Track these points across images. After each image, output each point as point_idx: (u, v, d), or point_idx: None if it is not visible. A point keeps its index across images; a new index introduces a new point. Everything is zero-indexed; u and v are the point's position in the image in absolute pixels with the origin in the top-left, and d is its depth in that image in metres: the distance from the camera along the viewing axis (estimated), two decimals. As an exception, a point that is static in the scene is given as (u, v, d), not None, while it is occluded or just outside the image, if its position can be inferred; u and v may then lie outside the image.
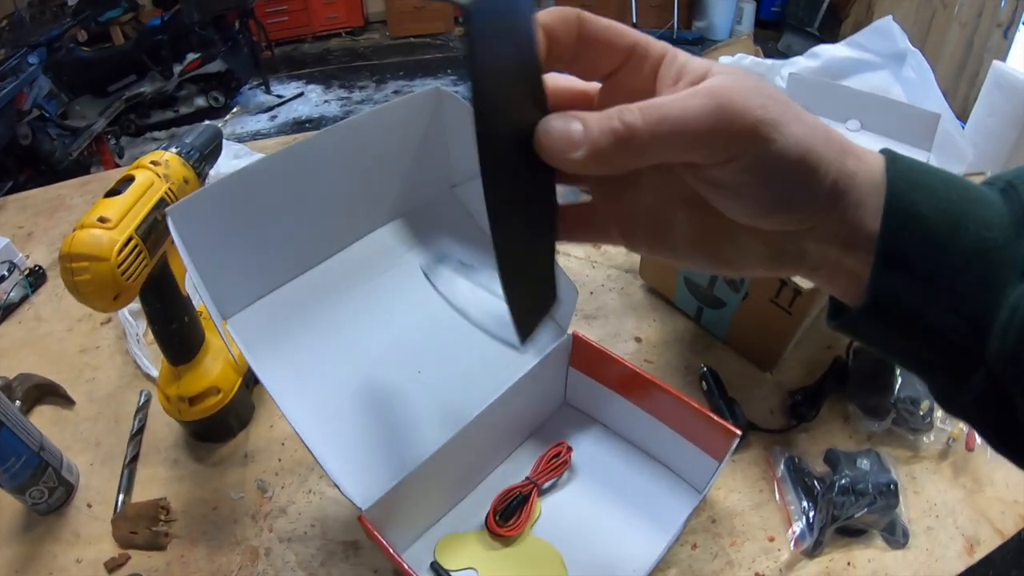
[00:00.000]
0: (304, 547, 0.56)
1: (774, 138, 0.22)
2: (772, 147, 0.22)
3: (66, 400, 0.70)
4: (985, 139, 0.80)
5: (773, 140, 0.22)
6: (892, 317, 0.24)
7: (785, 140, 0.22)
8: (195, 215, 0.44)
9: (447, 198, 0.55)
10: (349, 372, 0.49)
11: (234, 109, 1.13)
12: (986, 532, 0.59)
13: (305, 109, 2.91)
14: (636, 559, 0.51)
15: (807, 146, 0.22)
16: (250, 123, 2.66)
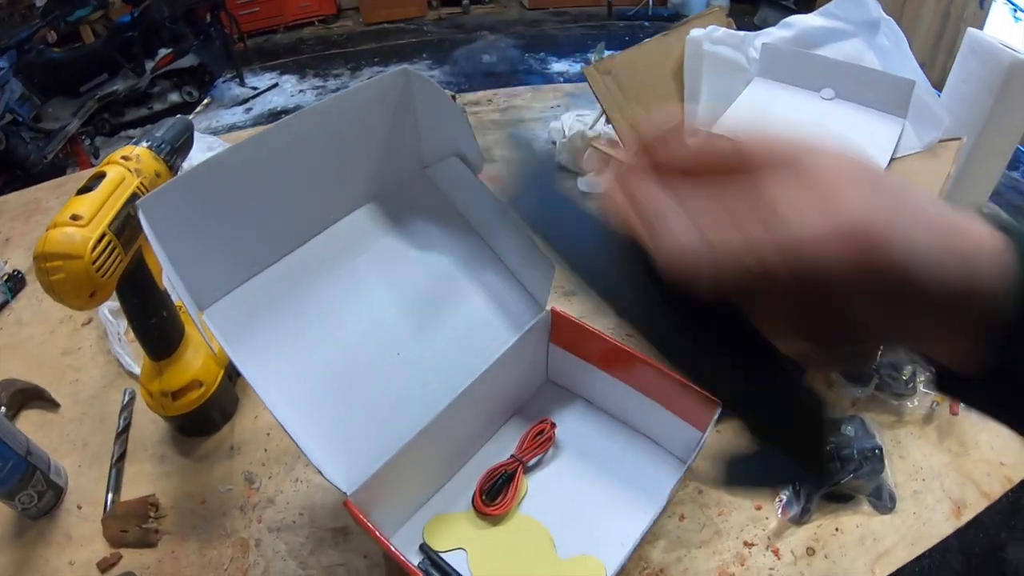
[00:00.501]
0: (293, 536, 0.56)
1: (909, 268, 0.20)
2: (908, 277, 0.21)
3: (51, 403, 0.70)
4: (960, 105, 0.80)
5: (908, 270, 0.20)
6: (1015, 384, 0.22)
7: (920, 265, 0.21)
8: (166, 207, 0.43)
9: (419, 179, 0.55)
10: (328, 357, 0.49)
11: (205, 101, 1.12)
12: (973, 495, 0.60)
13: (280, 100, 2.87)
14: (623, 532, 0.51)
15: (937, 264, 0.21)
16: (225, 116, 2.62)
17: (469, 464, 0.58)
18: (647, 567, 0.53)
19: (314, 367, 0.48)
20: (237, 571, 0.55)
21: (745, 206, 0.22)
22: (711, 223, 0.22)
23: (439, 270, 0.55)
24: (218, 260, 0.47)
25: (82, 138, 1.32)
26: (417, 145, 0.53)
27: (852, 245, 0.20)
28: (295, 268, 0.49)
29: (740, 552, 0.54)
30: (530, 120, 1.07)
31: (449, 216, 0.55)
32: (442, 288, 0.54)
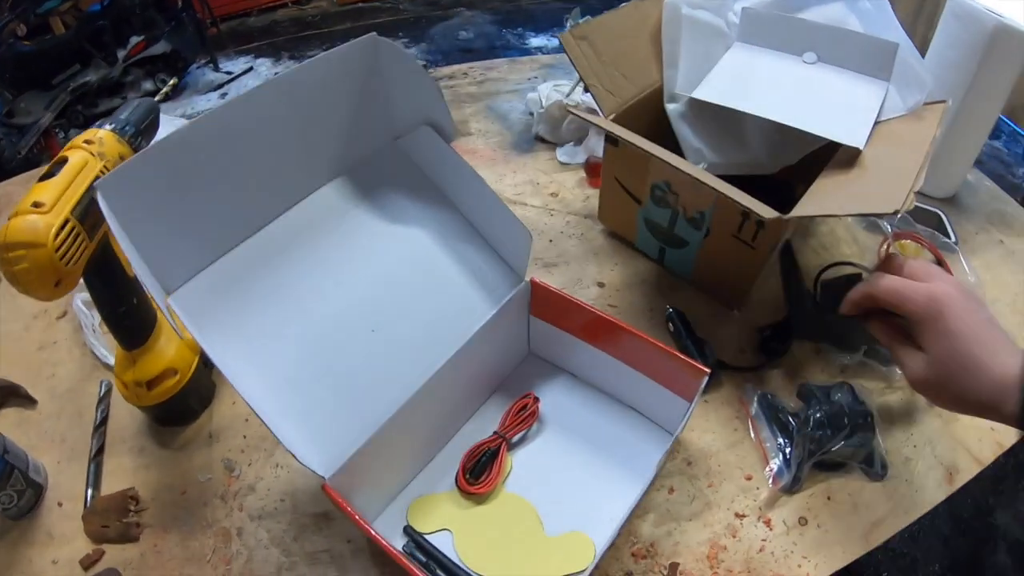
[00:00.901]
0: (276, 523, 0.55)
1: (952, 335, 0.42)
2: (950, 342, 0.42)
3: (28, 400, 0.68)
4: (944, 71, 0.79)
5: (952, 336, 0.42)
6: None
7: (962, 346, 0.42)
8: (126, 188, 0.42)
9: (390, 151, 0.53)
10: (301, 338, 0.47)
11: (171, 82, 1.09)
12: (965, 460, 0.60)
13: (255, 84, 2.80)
14: (611, 506, 0.50)
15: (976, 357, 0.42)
16: (200, 102, 2.57)
17: (451, 443, 0.56)
18: (637, 542, 0.52)
19: (286, 348, 0.47)
20: (220, 561, 0.54)
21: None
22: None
23: (413, 243, 0.53)
24: (183, 242, 0.46)
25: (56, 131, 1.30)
26: (388, 115, 0.51)
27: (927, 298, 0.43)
28: (263, 247, 0.48)
29: (731, 523, 0.54)
30: (506, 92, 1.05)
31: (423, 188, 0.53)
32: (417, 262, 0.53)
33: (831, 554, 0.52)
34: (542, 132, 0.91)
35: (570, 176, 0.89)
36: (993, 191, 0.90)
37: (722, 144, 0.66)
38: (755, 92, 0.66)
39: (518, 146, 0.94)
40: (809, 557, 0.52)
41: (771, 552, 0.52)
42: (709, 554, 0.52)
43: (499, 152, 0.93)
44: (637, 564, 0.51)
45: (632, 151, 0.58)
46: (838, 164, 0.64)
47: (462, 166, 0.50)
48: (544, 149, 0.93)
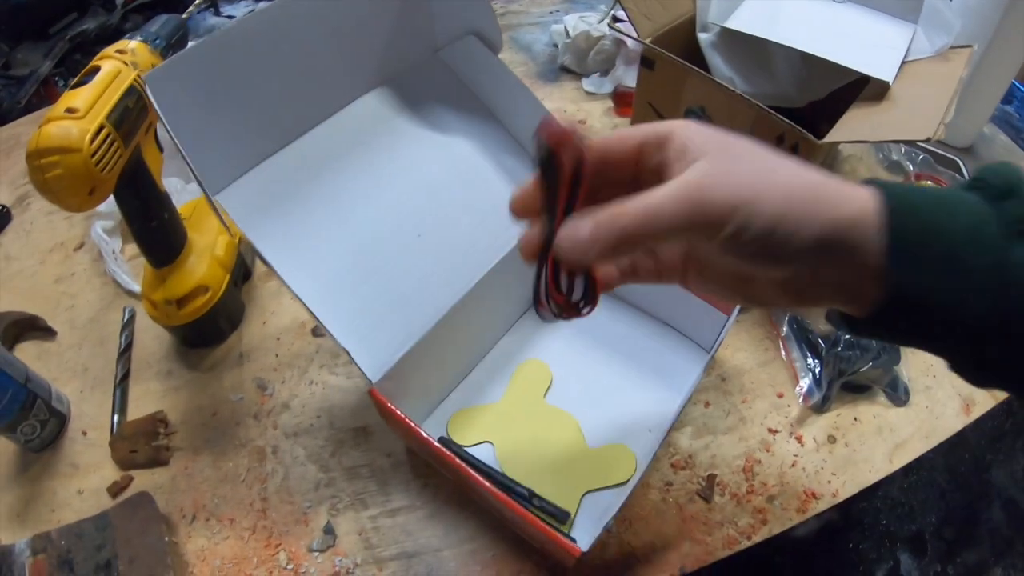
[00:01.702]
0: (312, 439, 0.55)
1: (747, 214, 0.24)
2: (743, 229, 0.25)
3: (47, 332, 0.67)
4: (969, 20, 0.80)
5: (747, 216, 0.24)
6: (908, 309, 0.26)
7: (756, 219, 0.24)
8: (175, 82, 0.41)
9: (432, 63, 0.53)
10: (347, 240, 0.47)
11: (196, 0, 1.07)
12: (981, 394, 0.61)
13: None
14: (651, 419, 0.51)
15: (780, 216, 0.25)
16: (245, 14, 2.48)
17: (489, 356, 0.56)
18: (676, 453, 0.53)
19: (333, 251, 0.46)
20: (255, 480, 0.53)
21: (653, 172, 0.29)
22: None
23: (457, 153, 0.53)
24: (230, 141, 0.45)
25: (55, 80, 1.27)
26: (430, 27, 0.51)
27: (681, 195, 0.25)
28: (308, 151, 0.47)
29: (765, 438, 0.54)
30: (528, 24, 1.04)
31: (465, 100, 0.53)
32: (461, 171, 0.52)
33: (859, 472, 0.53)
34: (568, 63, 0.91)
35: (598, 105, 0.88)
36: (1008, 145, 0.91)
37: (752, 75, 0.66)
38: (785, 25, 0.66)
39: (543, 76, 0.94)
40: (838, 474, 0.53)
41: (803, 467, 0.53)
42: (744, 467, 0.53)
43: (525, 82, 0.93)
44: (677, 475, 0.52)
45: (667, 73, 0.58)
46: (867, 98, 0.65)
47: (508, 76, 0.50)
48: (569, 79, 0.93)
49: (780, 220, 0.24)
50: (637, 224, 0.25)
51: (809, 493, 0.52)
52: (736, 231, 0.24)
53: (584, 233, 0.26)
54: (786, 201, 0.24)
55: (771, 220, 0.24)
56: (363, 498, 0.52)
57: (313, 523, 0.51)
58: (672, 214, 0.25)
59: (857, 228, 0.25)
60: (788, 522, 0.50)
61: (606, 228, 0.26)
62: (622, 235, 0.25)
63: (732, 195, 0.24)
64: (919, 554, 1.12)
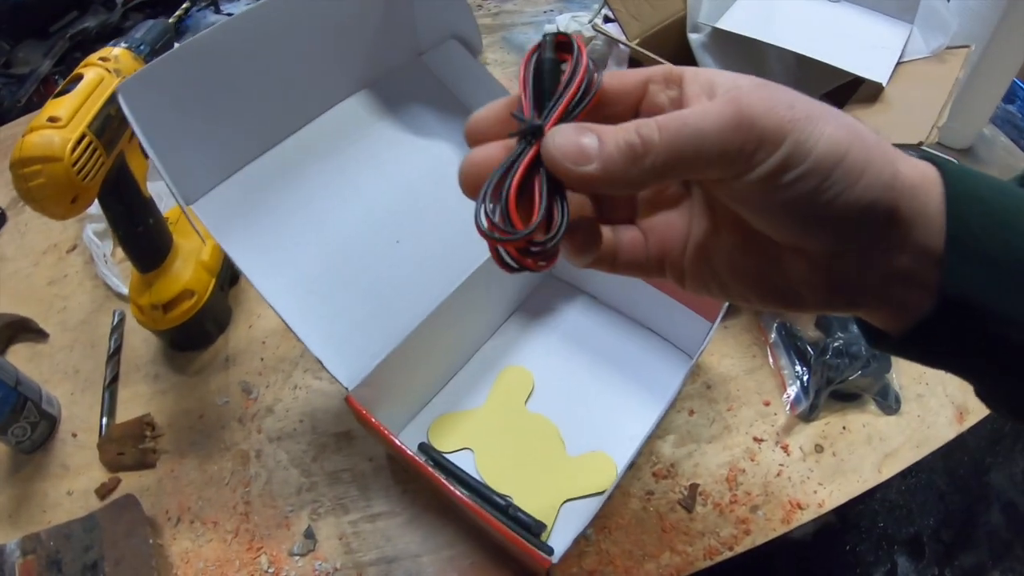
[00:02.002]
0: (295, 444, 0.55)
1: (803, 139, 0.19)
2: (801, 148, 0.19)
3: (39, 334, 0.68)
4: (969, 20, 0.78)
5: (802, 141, 0.19)
6: (960, 320, 0.21)
7: (818, 139, 0.19)
8: (148, 91, 0.41)
9: (415, 66, 0.52)
10: (324, 248, 0.47)
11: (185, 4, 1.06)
12: (974, 401, 0.59)
13: None
14: (632, 427, 0.50)
15: (846, 147, 0.19)
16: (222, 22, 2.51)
17: (471, 362, 0.56)
18: (658, 462, 0.53)
19: (310, 259, 0.46)
20: (239, 484, 0.54)
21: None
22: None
23: (437, 158, 0.52)
24: (206, 150, 0.45)
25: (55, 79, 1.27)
26: (412, 30, 0.50)
27: (728, 105, 0.19)
28: (287, 157, 0.47)
29: (750, 447, 0.54)
30: (522, 24, 1.03)
31: (447, 103, 0.52)
32: (441, 176, 0.52)
33: (846, 482, 0.53)
34: (560, 62, 0.91)
35: None
36: (1008, 147, 0.90)
37: (744, 77, 0.66)
38: (779, 25, 0.65)
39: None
40: (825, 484, 0.53)
41: (788, 477, 0.53)
42: (728, 476, 0.52)
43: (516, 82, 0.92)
44: (658, 484, 0.52)
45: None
46: (861, 99, 0.64)
47: (489, 80, 0.50)
48: None
49: (841, 156, 0.19)
50: (669, 138, 0.19)
51: (794, 503, 0.51)
52: (787, 159, 0.19)
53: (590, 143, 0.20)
54: (849, 135, 0.20)
55: (837, 148, 0.19)
56: (344, 503, 0.52)
57: (295, 527, 0.51)
58: (718, 129, 0.19)
59: (918, 199, 0.20)
60: (772, 532, 0.50)
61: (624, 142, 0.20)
62: (647, 153, 0.20)
63: (786, 115, 0.19)
64: (917, 557, 1.12)
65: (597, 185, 0.20)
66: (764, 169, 0.19)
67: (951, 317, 0.21)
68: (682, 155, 0.20)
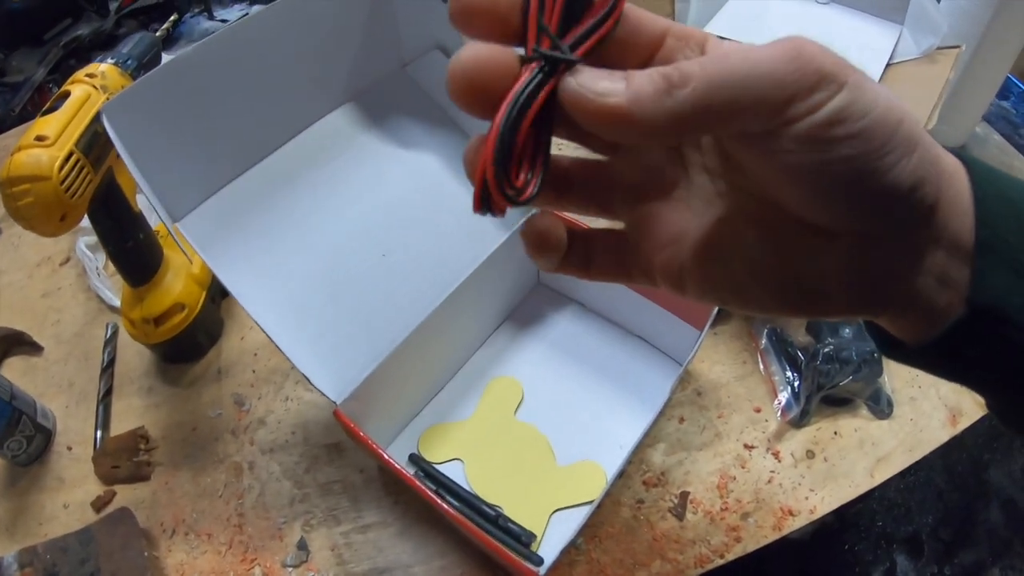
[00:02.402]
0: (287, 455, 0.55)
1: (863, 93, 0.17)
2: (862, 101, 0.17)
3: (34, 347, 0.68)
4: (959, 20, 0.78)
5: (862, 94, 0.17)
6: (987, 328, 0.19)
7: (876, 98, 0.17)
8: (132, 112, 0.41)
9: (399, 78, 0.52)
10: (311, 263, 0.47)
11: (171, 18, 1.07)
12: (968, 404, 0.60)
13: None
14: (622, 436, 0.51)
15: (900, 114, 0.17)
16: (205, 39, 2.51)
17: (461, 373, 0.56)
18: (648, 470, 0.53)
19: (297, 274, 0.47)
20: (232, 496, 0.54)
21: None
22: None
23: (423, 169, 0.52)
24: (191, 167, 0.45)
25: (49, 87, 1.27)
26: (397, 41, 0.50)
27: (779, 44, 0.17)
28: (271, 173, 0.47)
29: (740, 454, 0.54)
30: None
31: (432, 114, 0.52)
32: (427, 187, 0.52)
33: (838, 487, 0.53)
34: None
35: None
36: (1001, 145, 0.90)
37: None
38: (767, 29, 0.65)
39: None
40: (816, 490, 0.53)
41: (779, 484, 0.53)
42: (719, 484, 0.52)
43: None
44: (648, 492, 0.52)
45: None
46: (850, 103, 0.64)
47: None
48: None
49: (897, 123, 0.17)
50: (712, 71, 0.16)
51: (785, 510, 0.52)
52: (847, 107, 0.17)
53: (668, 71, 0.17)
54: (900, 104, 0.17)
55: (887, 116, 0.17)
56: (336, 514, 0.52)
57: (287, 538, 0.51)
58: (771, 61, 0.16)
59: (954, 188, 0.19)
60: (763, 540, 0.50)
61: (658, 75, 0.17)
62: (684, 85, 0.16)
63: (842, 64, 0.17)
64: (916, 555, 1.12)
65: (620, 123, 0.17)
66: (822, 115, 0.17)
67: (979, 327, 0.19)
68: (726, 89, 0.16)
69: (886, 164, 0.17)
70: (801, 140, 0.17)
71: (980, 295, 0.19)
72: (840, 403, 0.58)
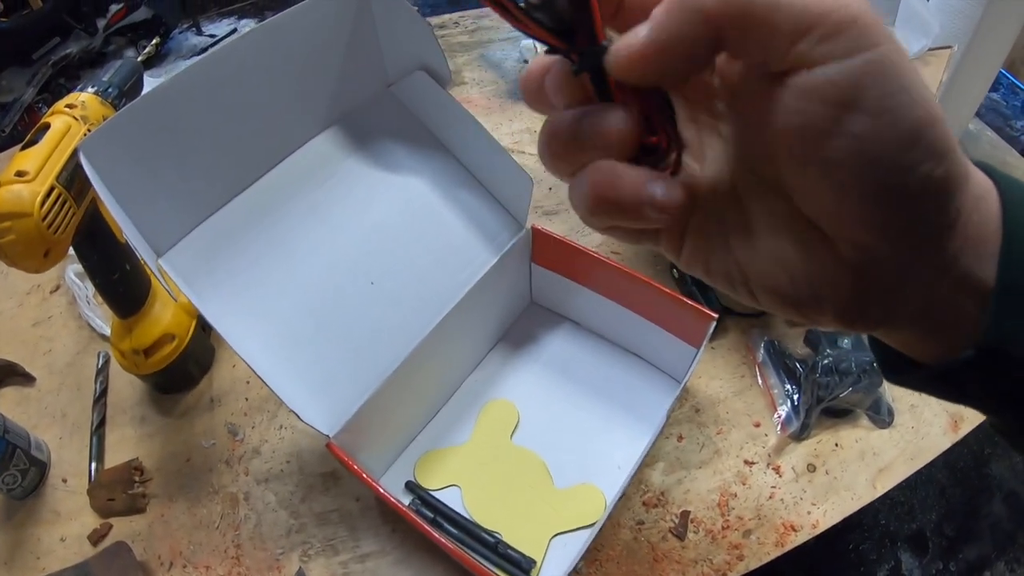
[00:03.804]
0: (282, 485, 0.55)
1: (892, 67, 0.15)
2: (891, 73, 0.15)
3: (26, 378, 0.67)
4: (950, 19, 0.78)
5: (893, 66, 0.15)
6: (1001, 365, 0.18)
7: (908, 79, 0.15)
8: (110, 148, 0.40)
9: (384, 98, 0.52)
10: (299, 293, 0.46)
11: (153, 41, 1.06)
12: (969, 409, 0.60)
13: None
14: (621, 456, 0.50)
15: (939, 113, 0.15)
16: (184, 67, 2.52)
17: (455, 397, 0.56)
18: (648, 490, 0.52)
19: (284, 305, 0.46)
20: (229, 527, 0.53)
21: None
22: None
23: (410, 192, 0.52)
24: (172, 201, 0.44)
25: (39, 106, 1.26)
26: (379, 60, 0.50)
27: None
28: (256, 202, 0.46)
29: (741, 471, 0.54)
30: (500, 41, 1.03)
31: (418, 135, 0.51)
32: (415, 211, 0.51)
33: (840, 500, 0.53)
34: (538, 79, 0.89)
35: None
36: (994, 141, 0.89)
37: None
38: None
39: (513, 94, 0.92)
40: (818, 503, 0.52)
41: (781, 499, 0.52)
42: (719, 501, 0.52)
43: (494, 101, 0.92)
44: (648, 513, 0.51)
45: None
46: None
47: (459, 111, 0.49)
48: None
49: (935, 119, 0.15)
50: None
51: (788, 525, 0.51)
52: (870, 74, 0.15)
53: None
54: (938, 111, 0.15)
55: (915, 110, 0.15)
56: (333, 544, 0.51)
57: (286, 570, 0.51)
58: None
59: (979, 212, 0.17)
60: (765, 556, 0.50)
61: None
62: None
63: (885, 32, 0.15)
64: (920, 553, 1.11)
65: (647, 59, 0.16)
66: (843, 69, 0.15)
67: (984, 364, 0.18)
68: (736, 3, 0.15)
69: (904, 161, 0.15)
70: (808, 94, 0.15)
71: (991, 338, 0.18)
72: (840, 414, 0.57)
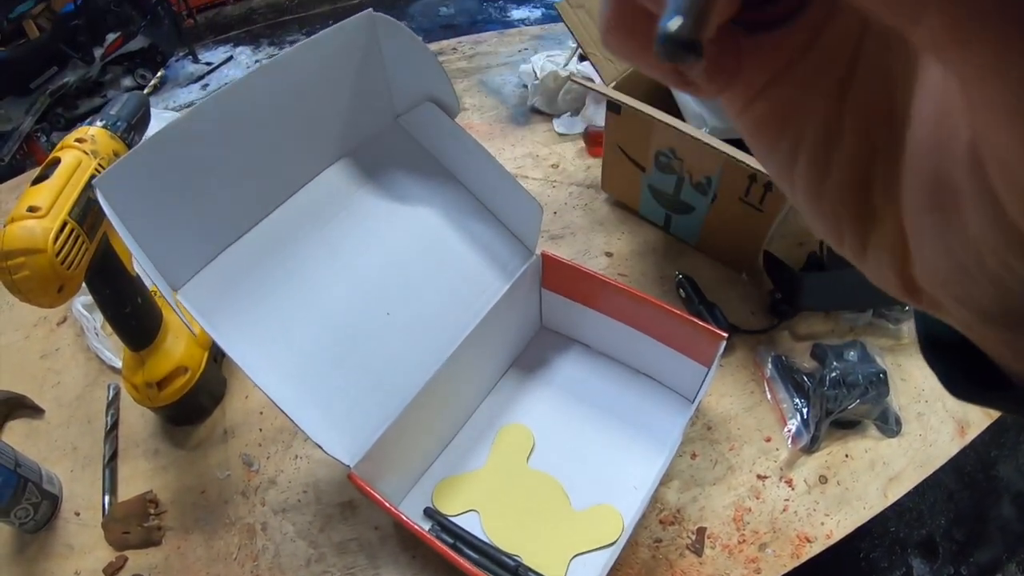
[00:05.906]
0: (300, 515, 0.55)
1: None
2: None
3: (35, 410, 0.67)
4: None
5: None
6: None
7: None
8: (125, 184, 0.41)
9: (392, 130, 0.52)
10: (315, 325, 0.47)
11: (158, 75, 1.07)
12: (975, 413, 0.60)
13: (236, 73, 2.72)
14: (636, 476, 0.50)
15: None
16: (182, 95, 2.53)
17: (471, 422, 0.56)
18: (664, 509, 0.53)
19: (301, 337, 0.46)
20: (247, 558, 0.53)
21: None
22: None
23: (421, 222, 0.52)
24: (187, 235, 0.45)
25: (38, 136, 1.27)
26: (387, 93, 0.50)
27: None
28: (270, 235, 0.47)
29: (754, 485, 0.54)
30: (498, 66, 1.04)
31: (427, 166, 0.52)
32: (426, 241, 0.52)
33: (852, 510, 0.53)
34: (538, 104, 0.90)
35: (570, 147, 0.88)
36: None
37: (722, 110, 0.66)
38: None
39: (514, 119, 0.93)
40: (831, 514, 0.53)
41: (794, 511, 0.53)
42: (735, 517, 0.52)
43: (496, 126, 0.93)
44: (665, 531, 0.52)
45: (635, 117, 0.57)
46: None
47: (467, 140, 0.49)
48: (541, 121, 0.92)
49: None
50: None
51: (802, 537, 0.51)
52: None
53: None
54: None
55: None
56: (354, 572, 0.51)
57: (306, 600, 0.51)
58: None
59: None
60: (782, 569, 0.50)
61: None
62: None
63: None
64: (931, 558, 1.11)
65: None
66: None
67: None
68: None
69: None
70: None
71: None
72: (849, 426, 0.58)
